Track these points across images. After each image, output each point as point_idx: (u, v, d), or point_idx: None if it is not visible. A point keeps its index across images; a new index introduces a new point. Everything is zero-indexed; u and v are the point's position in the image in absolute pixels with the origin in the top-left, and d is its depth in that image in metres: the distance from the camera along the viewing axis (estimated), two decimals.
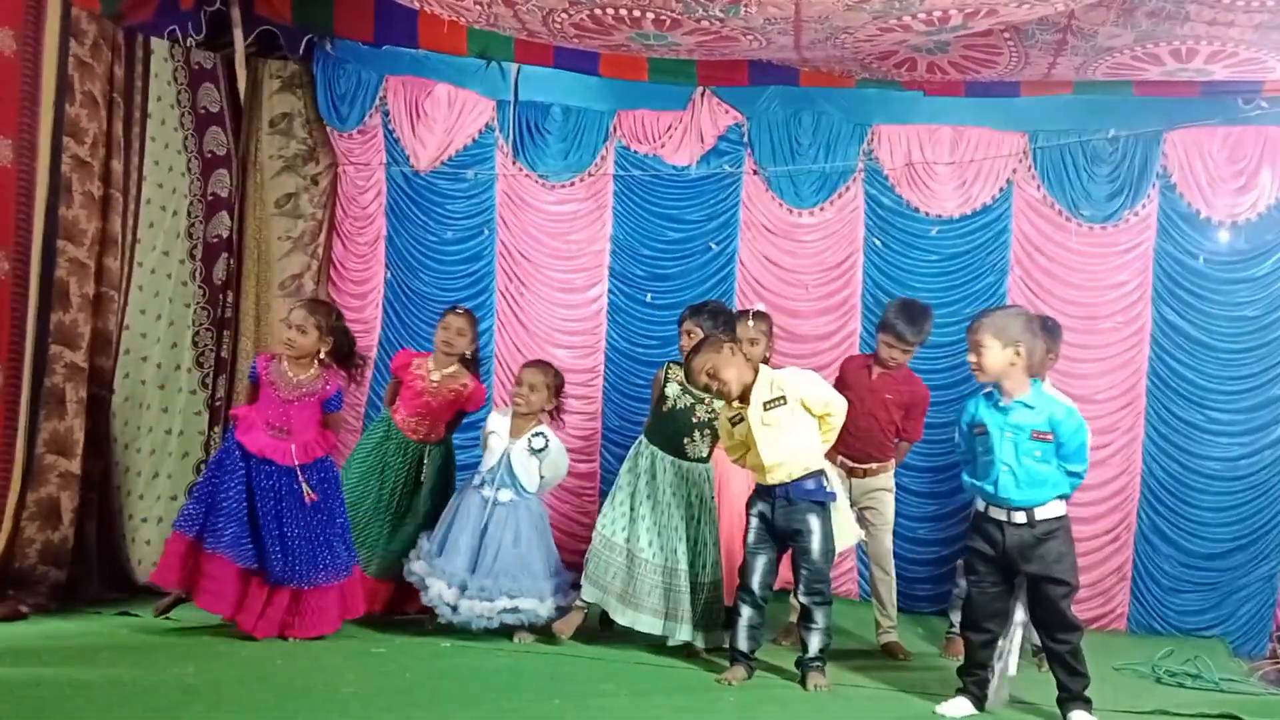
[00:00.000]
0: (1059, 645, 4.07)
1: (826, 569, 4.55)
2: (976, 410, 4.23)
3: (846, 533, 4.83)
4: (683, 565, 4.97)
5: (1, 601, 4.95)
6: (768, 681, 4.57)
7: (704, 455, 5.12)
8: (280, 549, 4.73)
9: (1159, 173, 6.34)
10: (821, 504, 4.55)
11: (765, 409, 4.53)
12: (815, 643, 4.49)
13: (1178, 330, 6.33)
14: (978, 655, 4.22)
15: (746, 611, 4.58)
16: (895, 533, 5.62)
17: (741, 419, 4.61)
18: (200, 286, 6.31)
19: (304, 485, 4.76)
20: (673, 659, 4.88)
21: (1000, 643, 4.18)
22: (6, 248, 5.03)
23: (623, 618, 4.99)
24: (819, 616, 4.49)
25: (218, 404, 6.33)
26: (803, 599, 4.56)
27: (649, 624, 4.96)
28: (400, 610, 5.50)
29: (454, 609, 4.99)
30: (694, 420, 5.09)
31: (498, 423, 5.31)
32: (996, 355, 4.12)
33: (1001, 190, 6.52)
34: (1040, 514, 4.07)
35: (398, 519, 5.50)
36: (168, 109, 6.06)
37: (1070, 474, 4.13)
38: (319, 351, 4.89)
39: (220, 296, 6.42)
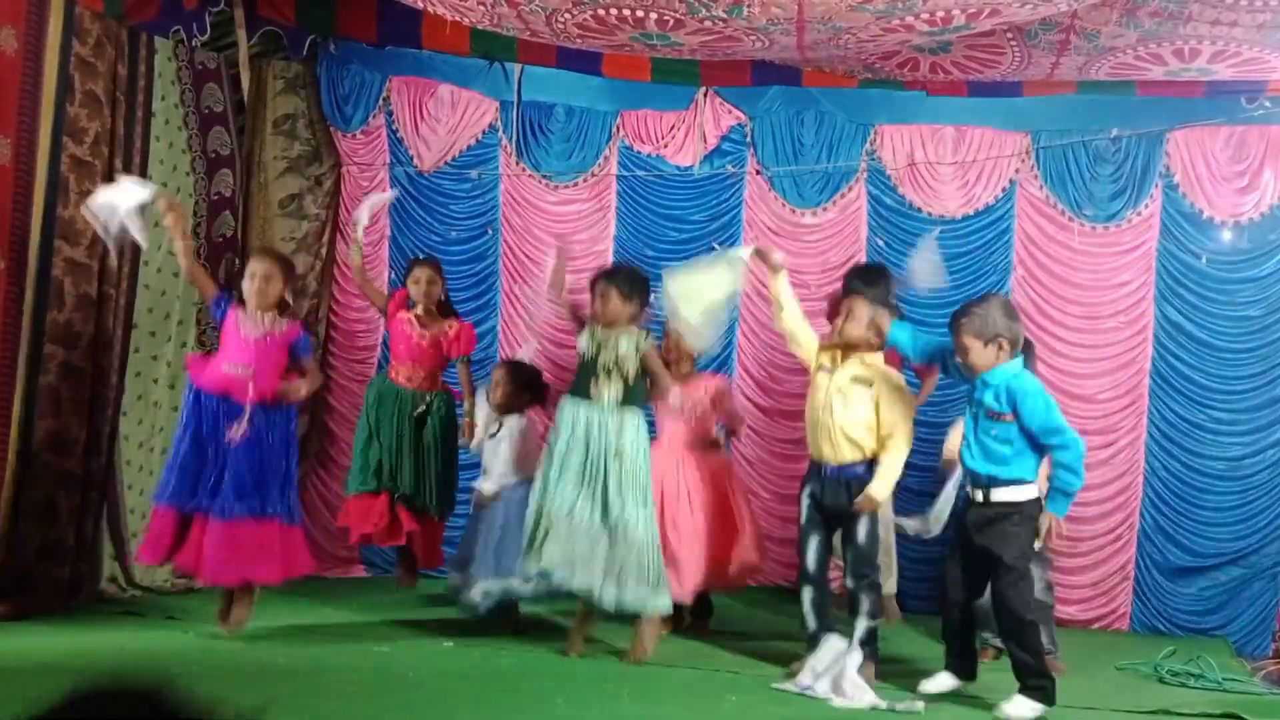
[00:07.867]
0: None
1: (873, 554, 4.55)
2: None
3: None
4: (599, 519, 4.69)
5: (3, 600, 4.97)
6: (768, 682, 4.56)
7: (605, 399, 4.75)
8: (215, 482, 4.74)
9: (1162, 172, 6.33)
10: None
11: (852, 381, 4.52)
12: (860, 628, 4.46)
13: (1180, 330, 6.31)
14: (949, 635, 4.40)
15: (809, 593, 4.58)
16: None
17: (822, 372, 4.58)
18: None
19: (244, 421, 4.73)
20: (675, 659, 4.86)
21: None
22: (3, 247, 5.03)
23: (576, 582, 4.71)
24: (864, 601, 4.48)
25: None
26: (848, 583, 4.56)
27: (581, 582, 4.66)
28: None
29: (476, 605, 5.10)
30: (599, 364, 4.78)
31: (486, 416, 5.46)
32: None
33: (1004, 190, 6.52)
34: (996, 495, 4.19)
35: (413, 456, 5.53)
36: (171, 109, 6.07)
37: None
38: (281, 300, 5.00)
39: None
